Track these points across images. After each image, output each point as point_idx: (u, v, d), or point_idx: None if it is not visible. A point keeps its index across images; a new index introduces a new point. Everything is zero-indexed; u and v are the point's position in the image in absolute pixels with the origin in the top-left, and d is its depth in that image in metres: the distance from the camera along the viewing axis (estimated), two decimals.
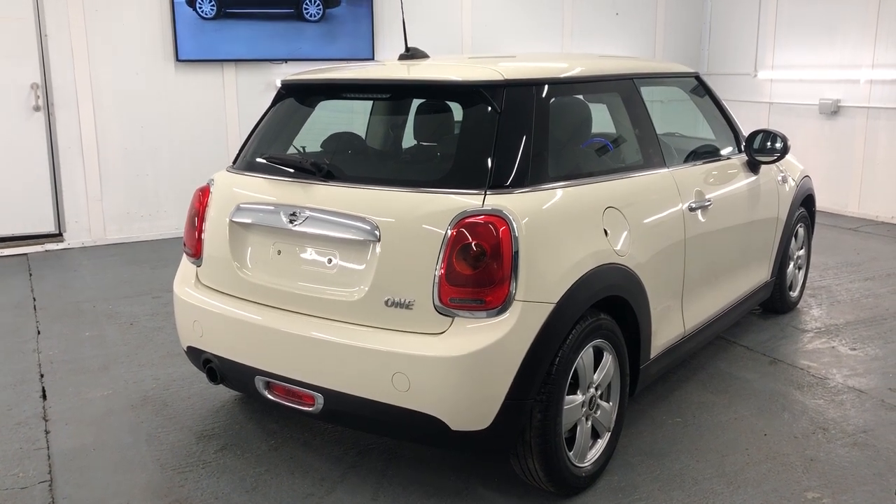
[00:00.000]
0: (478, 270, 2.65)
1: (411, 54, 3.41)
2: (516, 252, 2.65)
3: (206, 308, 3.25)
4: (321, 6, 7.67)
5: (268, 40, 7.55)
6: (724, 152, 4.18)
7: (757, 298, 4.59)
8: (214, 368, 3.26)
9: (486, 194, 2.74)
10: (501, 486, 3.09)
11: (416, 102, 3.43)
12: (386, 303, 2.78)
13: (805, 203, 5.05)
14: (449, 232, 2.67)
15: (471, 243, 2.65)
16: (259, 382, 3.09)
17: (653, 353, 3.39)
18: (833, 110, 8.33)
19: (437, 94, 3.18)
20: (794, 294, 5.17)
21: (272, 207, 3.07)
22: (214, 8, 7.21)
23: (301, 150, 3.49)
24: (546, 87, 3.06)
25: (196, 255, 3.38)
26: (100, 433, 3.58)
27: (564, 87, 3.22)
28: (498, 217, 2.66)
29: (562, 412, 2.84)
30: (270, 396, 3.09)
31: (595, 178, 3.16)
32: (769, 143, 4.19)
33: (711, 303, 3.93)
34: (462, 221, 2.67)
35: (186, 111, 7.45)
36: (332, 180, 3.01)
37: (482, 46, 8.59)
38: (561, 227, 2.85)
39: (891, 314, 5.11)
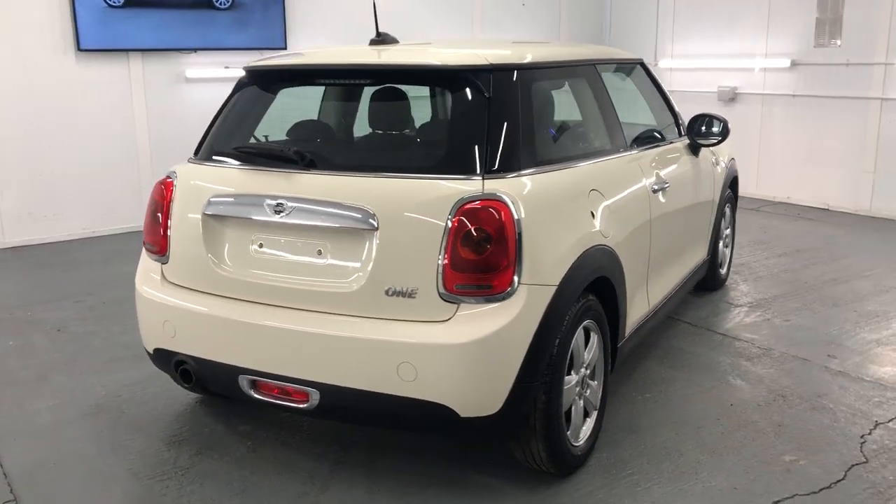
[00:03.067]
0: (483, 256, 2.63)
1: (382, 39, 3.34)
2: (519, 235, 2.65)
3: (178, 307, 3.09)
4: None
5: (177, 29, 7.22)
6: (669, 136, 4.32)
7: (698, 276, 4.78)
8: (189, 370, 3.10)
9: (483, 179, 2.72)
10: (495, 470, 3.10)
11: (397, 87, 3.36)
12: (387, 292, 2.72)
13: (731, 185, 5.30)
14: (451, 218, 2.64)
15: (474, 228, 2.63)
16: (243, 382, 2.96)
17: (627, 332, 3.47)
18: (731, 97, 8.77)
19: (421, 79, 3.13)
20: (723, 271, 5.42)
21: (253, 199, 2.94)
22: None
23: (264, 138, 3.37)
24: (529, 71, 3.08)
25: (161, 251, 3.20)
26: (57, 446, 3.35)
27: (543, 72, 3.23)
28: (499, 201, 2.65)
29: (562, 393, 2.87)
30: (257, 395, 2.96)
31: (577, 161, 3.20)
32: (710, 128, 4.37)
33: (669, 281, 4.07)
34: (463, 207, 2.65)
35: (90, 105, 7.02)
36: (314, 169, 2.92)
37: (396, 33, 8.50)
38: (556, 210, 2.87)
39: (810, 287, 5.44)
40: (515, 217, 2.65)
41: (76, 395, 3.85)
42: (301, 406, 2.88)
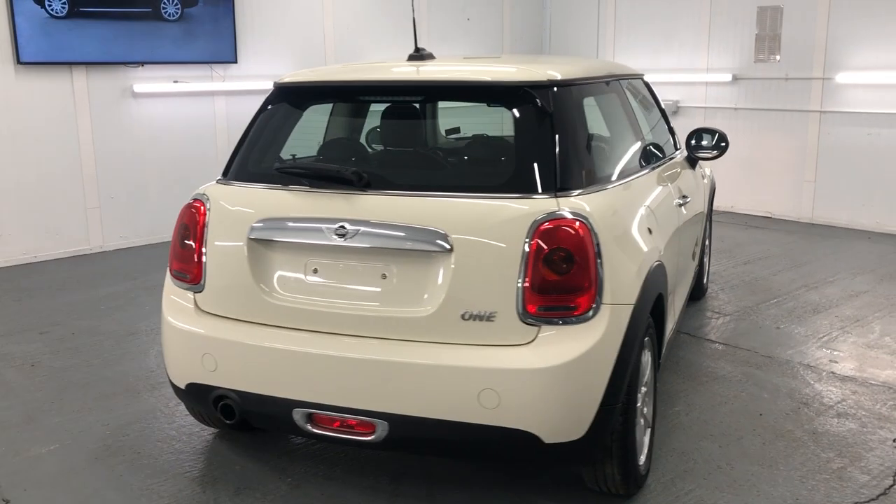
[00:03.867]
0: (565, 276, 2.57)
1: (421, 55, 3.23)
2: (599, 254, 2.60)
3: (220, 338, 2.88)
4: (179, 5, 7.09)
5: (123, 41, 6.86)
6: (674, 150, 4.37)
7: (692, 286, 4.86)
8: (232, 405, 2.90)
9: (557, 197, 2.66)
10: (557, 493, 3.02)
11: (447, 105, 3.26)
12: (463, 316, 2.61)
13: (711, 196, 5.42)
14: (529, 238, 2.57)
15: (556, 248, 2.56)
16: (298, 415, 2.78)
17: (664, 347, 3.47)
18: (673, 110, 9.01)
19: (482, 95, 3.04)
20: (705, 280, 5.54)
21: (310, 222, 2.78)
22: (66, 5, 6.43)
23: (292, 157, 3.22)
24: (581, 87, 3.04)
25: (195, 280, 2.98)
26: (76, 495, 3.07)
27: (591, 88, 3.20)
28: (577, 219, 2.59)
29: (636, 413, 2.83)
30: (313, 429, 2.80)
31: (628, 176, 3.18)
32: (708, 141, 4.45)
33: (683, 292, 4.11)
34: (541, 227, 2.57)
35: (31, 121, 6.58)
36: (372, 189, 2.79)
37: (345, 49, 8.38)
38: (625, 227, 2.84)
39: (785, 293, 5.61)
40: (594, 235, 2.60)
41: (77, 436, 3.55)
42: (366, 439, 2.73)
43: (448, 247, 2.61)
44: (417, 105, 3.30)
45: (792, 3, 7.93)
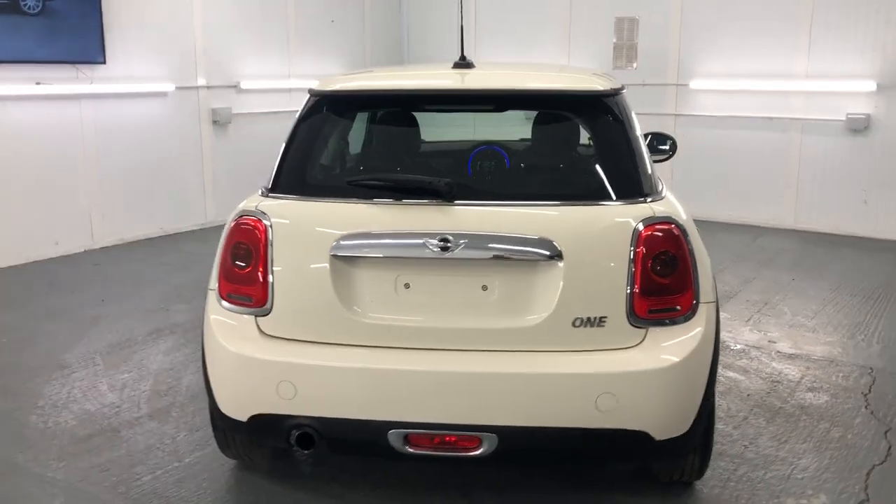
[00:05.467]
0: (670, 279, 2.68)
1: (466, 63, 3.18)
2: (693, 255, 2.74)
3: (299, 364, 2.69)
4: None
5: None
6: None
7: None
8: (311, 434, 2.72)
9: (649, 202, 2.77)
10: (629, 487, 3.13)
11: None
12: (574, 323, 2.64)
13: None
14: (635, 243, 2.65)
15: (661, 252, 2.66)
16: (394, 437, 2.67)
17: None
18: (528, 117, 9.40)
19: (555, 104, 3.06)
20: None
21: (408, 237, 2.66)
22: None
23: (359, 169, 3.09)
24: (624, 94, 3.17)
25: (260, 303, 2.76)
26: None
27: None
28: (673, 223, 2.72)
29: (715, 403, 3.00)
30: (411, 450, 2.69)
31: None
32: (661, 144, 4.74)
33: None
34: (645, 231, 2.67)
35: None
36: (461, 200, 2.73)
37: (215, 49, 7.94)
38: (695, 229, 3.00)
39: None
40: (688, 238, 2.73)
41: (78, 486, 3.14)
42: (471, 454, 2.67)
43: (559, 255, 2.63)
44: (487, 113, 3.25)
45: (647, 15, 8.59)
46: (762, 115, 8.09)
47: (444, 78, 3.05)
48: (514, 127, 3.97)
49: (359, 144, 3.41)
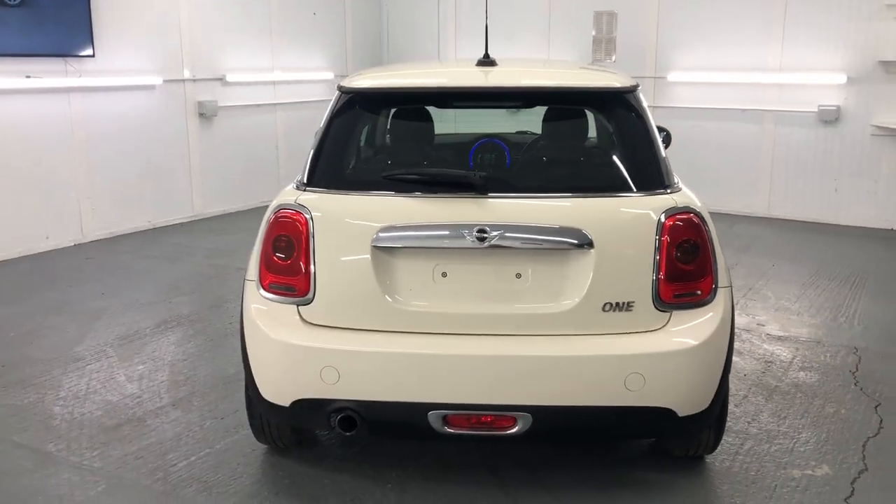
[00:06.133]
0: (693, 265, 2.86)
1: (490, 61, 3.31)
2: (712, 242, 2.93)
3: (342, 350, 2.82)
4: None
5: None
6: None
7: None
8: (354, 417, 2.85)
9: (669, 193, 2.95)
10: (654, 464, 3.32)
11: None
12: (603, 308, 2.81)
13: None
14: (660, 231, 2.82)
15: (684, 240, 2.84)
16: (434, 418, 2.82)
17: None
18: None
19: (579, 100, 3.21)
20: None
21: (448, 228, 2.80)
22: None
23: (389, 164, 3.21)
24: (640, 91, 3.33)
25: (303, 292, 2.88)
26: None
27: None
28: (693, 213, 2.90)
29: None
30: (449, 430, 2.84)
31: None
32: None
33: None
34: (668, 221, 2.84)
35: None
36: (494, 192, 2.88)
37: (201, 41, 7.95)
38: (710, 217, 3.18)
39: None
40: (707, 226, 2.92)
41: (119, 472, 3.23)
42: (506, 432, 2.84)
43: (591, 244, 2.79)
44: (515, 110, 3.39)
45: (625, 9, 8.79)
46: (737, 107, 8.36)
47: (474, 76, 3.18)
48: (530, 123, 4.11)
49: (384, 139, 3.53)
